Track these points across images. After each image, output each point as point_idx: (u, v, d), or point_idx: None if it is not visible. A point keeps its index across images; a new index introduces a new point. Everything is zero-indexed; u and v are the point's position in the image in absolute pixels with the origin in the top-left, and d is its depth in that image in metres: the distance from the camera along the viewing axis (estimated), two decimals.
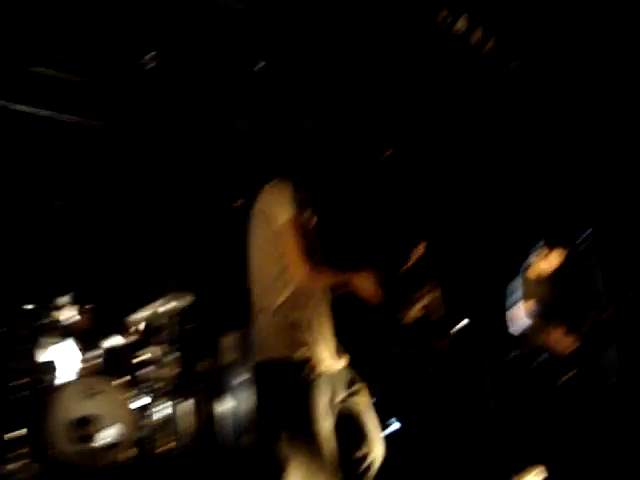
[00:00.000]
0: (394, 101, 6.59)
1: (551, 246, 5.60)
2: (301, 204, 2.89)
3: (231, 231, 7.39)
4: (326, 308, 3.04)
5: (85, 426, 4.97)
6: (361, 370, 3.16)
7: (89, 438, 4.98)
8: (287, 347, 2.86)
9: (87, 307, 6.03)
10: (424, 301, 3.44)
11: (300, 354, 2.82)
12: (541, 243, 5.61)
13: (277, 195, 2.89)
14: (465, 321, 5.97)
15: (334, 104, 6.36)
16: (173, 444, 5.60)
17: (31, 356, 5.41)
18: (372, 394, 3.15)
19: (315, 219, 3.10)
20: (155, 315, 5.71)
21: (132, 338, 5.96)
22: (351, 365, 3.14)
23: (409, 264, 3.35)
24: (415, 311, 3.39)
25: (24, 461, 5.13)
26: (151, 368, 5.75)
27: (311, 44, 5.96)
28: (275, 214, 2.82)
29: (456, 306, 5.23)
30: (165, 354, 5.74)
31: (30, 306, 5.68)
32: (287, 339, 2.86)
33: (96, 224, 7.34)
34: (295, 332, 2.85)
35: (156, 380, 5.72)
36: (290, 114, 6.86)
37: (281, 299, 2.87)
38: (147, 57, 6.12)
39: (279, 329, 2.88)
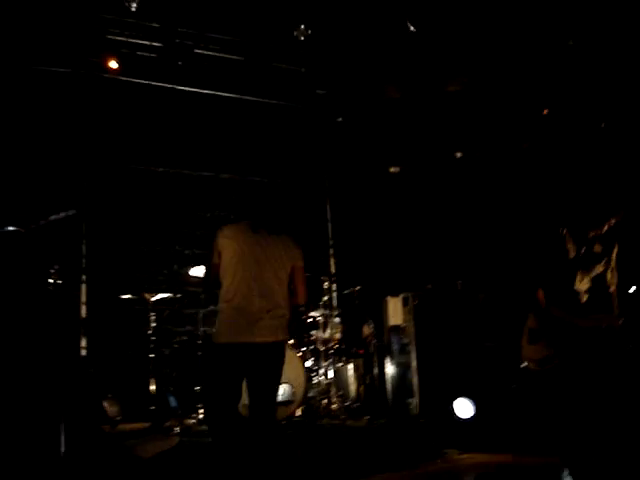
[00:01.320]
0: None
1: None
2: None
3: (388, 198, 7.57)
4: None
5: None
6: None
7: None
8: None
9: None
10: None
11: None
12: None
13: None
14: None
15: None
16: (336, 405, 5.81)
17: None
18: None
19: None
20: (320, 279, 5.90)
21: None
22: None
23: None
24: None
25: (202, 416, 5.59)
26: (315, 331, 5.97)
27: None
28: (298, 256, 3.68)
29: None
30: (328, 318, 5.93)
31: None
32: None
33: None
34: None
35: (320, 343, 5.94)
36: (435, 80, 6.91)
37: None
38: (300, 29, 6.29)
39: None
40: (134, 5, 5.84)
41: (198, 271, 5.55)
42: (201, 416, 5.62)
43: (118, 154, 6.77)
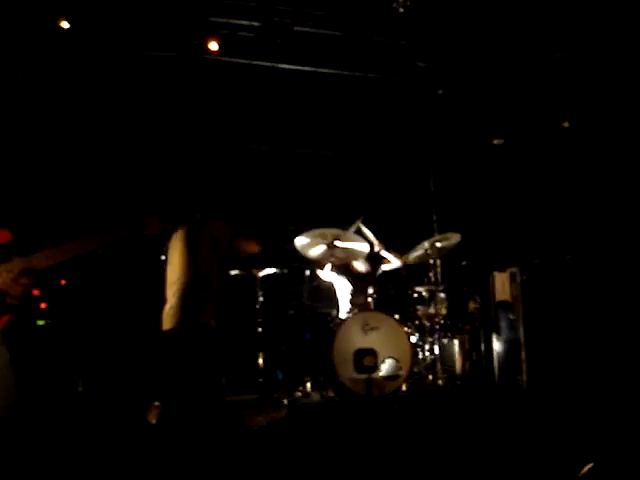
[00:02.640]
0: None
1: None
2: None
3: (492, 170, 7.39)
4: None
5: (365, 357, 5.30)
6: None
7: (368, 369, 5.29)
8: None
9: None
10: None
11: None
12: None
13: None
14: None
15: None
16: (441, 381, 5.76)
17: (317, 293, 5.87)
18: None
19: None
20: (425, 255, 5.84)
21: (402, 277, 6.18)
22: None
23: None
24: None
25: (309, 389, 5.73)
26: (420, 307, 5.93)
27: None
28: None
29: None
30: (433, 293, 5.87)
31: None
32: None
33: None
34: None
35: (425, 318, 5.89)
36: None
37: None
38: (399, 0, 6.19)
39: None
40: None
41: (301, 240, 5.63)
42: (308, 389, 5.73)
43: (222, 134, 6.93)
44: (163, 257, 4.95)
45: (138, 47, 6.31)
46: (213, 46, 6.50)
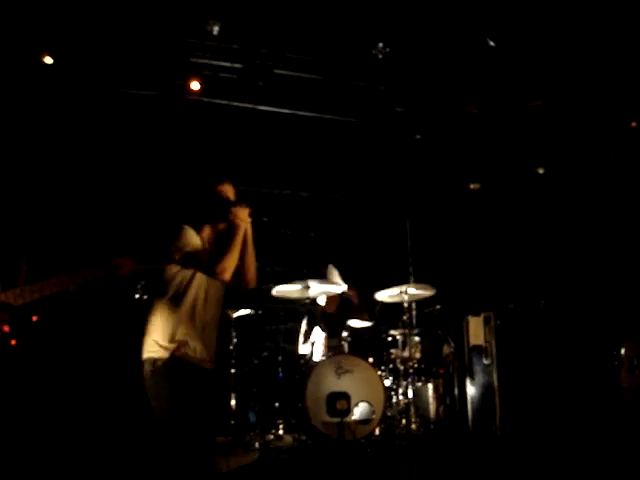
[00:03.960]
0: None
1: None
2: None
3: (469, 215, 7.48)
4: None
5: (338, 401, 5.25)
6: None
7: (341, 413, 5.24)
8: None
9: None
10: None
11: None
12: None
13: None
14: None
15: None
16: (414, 426, 5.71)
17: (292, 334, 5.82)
18: None
19: None
20: (399, 297, 5.85)
21: (376, 321, 6.17)
22: None
23: None
24: None
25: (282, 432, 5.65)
26: (394, 350, 5.92)
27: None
28: None
29: None
30: (407, 336, 5.87)
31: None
32: None
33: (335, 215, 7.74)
34: None
35: (399, 362, 5.88)
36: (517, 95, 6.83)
37: None
38: (378, 47, 6.32)
39: None
40: (216, 29, 6.01)
41: (281, 289, 5.64)
42: (280, 432, 5.66)
43: (199, 173, 6.95)
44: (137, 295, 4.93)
45: (118, 84, 6.36)
46: (195, 86, 6.57)
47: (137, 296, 5.75)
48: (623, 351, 4.90)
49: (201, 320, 3.33)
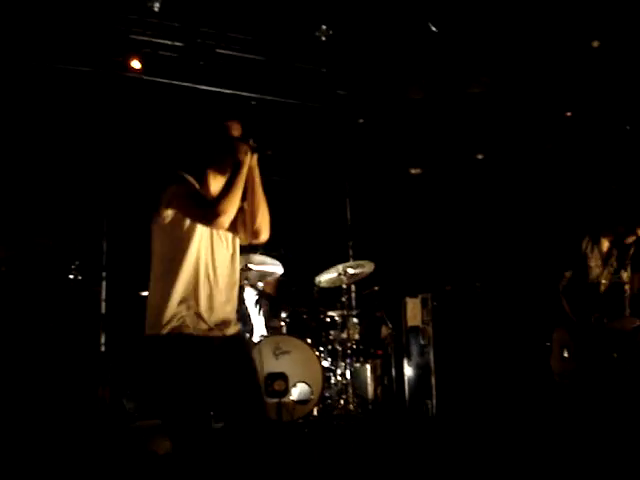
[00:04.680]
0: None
1: None
2: None
3: (408, 199, 7.56)
4: None
5: (275, 381, 5.26)
6: None
7: (279, 393, 5.26)
8: None
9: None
10: None
11: None
12: None
13: None
14: None
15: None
16: (352, 406, 5.77)
17: None
18: None
19: None
20: (338, 280, 5.88)
21: (315, 301, 6.19)
22: None
23: None
24: None
25: None
26: (333, 331, 5.95)
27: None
28: None
29: None
30: (346, 318, 5.91)
31: None
32: None
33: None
34: None
35: (337, 343, 5.92)
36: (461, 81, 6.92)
37: None
38: (321, 29, 6.29)
39: None
40: (157, 5, 5.88)
41: None
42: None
43: (137, 153, 6.82)
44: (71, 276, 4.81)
45: (51, 59, 6.16)
46: (136, 64, 6.42)
47: (71, 277, 5.64)
48: (553, 337, 5.03)
49: (209, 285, 2.83)
